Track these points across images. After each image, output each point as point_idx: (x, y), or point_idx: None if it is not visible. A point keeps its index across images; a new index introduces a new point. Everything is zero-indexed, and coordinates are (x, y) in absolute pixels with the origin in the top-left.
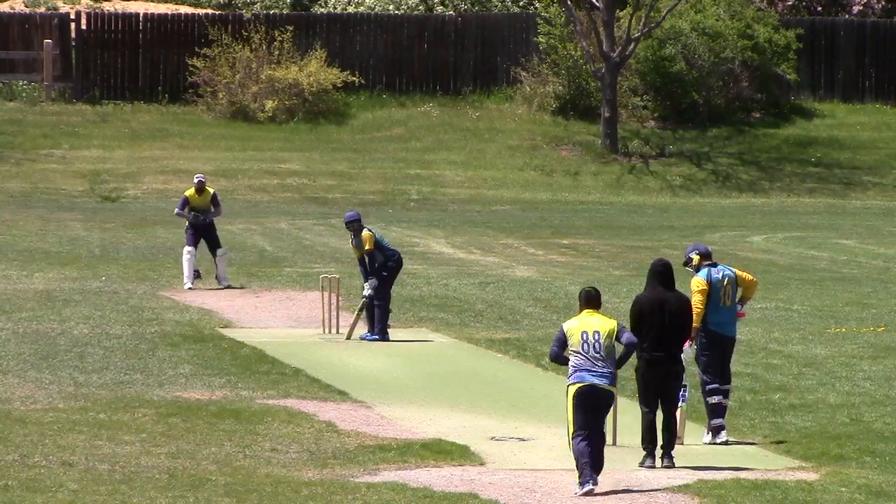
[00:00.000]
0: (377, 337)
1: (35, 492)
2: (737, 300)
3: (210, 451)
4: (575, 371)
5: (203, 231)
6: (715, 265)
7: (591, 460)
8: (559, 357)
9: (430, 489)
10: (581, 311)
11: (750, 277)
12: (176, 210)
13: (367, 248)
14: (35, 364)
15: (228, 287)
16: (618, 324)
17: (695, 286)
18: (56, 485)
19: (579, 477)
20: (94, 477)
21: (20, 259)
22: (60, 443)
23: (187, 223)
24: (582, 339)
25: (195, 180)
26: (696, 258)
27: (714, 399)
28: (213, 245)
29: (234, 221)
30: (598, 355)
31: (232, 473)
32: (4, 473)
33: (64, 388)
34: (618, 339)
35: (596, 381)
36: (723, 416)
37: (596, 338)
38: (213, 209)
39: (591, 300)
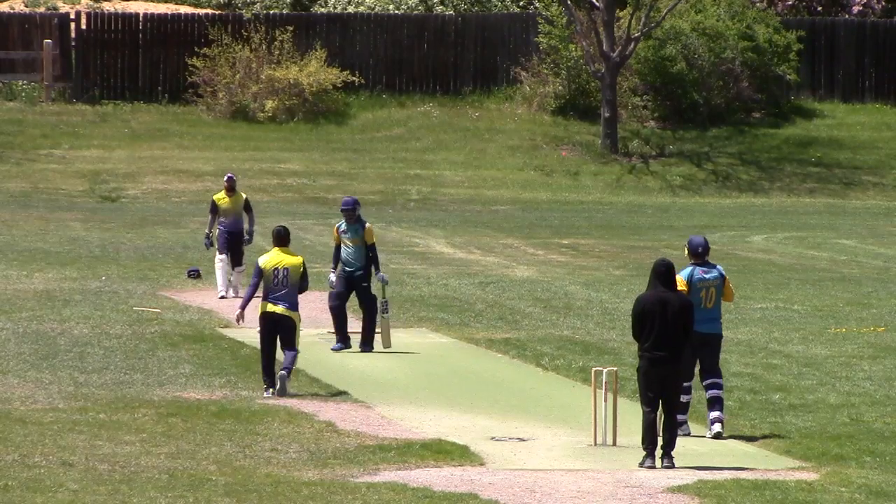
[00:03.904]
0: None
1: (35, 492)
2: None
3: (210, 451)
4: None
5: (235, 238)
6: (706, 265)
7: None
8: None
9: (430, 489)
10: (273, 248)
11: (731, 292)
12: (209, 219)
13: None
14: (35, 364)
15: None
16: (303, 262)
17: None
18: (56, 485)
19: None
20: (94, 477)
21: (20, 259)
22: (60, 443)
23: (219, 229)
24: (273, 273)
25: (225, 178)
26: (685, 252)
27: (683, 398)
28: (236, 259)
29: None
30: (283, 287)
31: (232, 473)
32: (4, 473)
33: (64, 388)
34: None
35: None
36: (685, 413)
37: (285, 273)
38: (246, 216)
39: (281, 238)
